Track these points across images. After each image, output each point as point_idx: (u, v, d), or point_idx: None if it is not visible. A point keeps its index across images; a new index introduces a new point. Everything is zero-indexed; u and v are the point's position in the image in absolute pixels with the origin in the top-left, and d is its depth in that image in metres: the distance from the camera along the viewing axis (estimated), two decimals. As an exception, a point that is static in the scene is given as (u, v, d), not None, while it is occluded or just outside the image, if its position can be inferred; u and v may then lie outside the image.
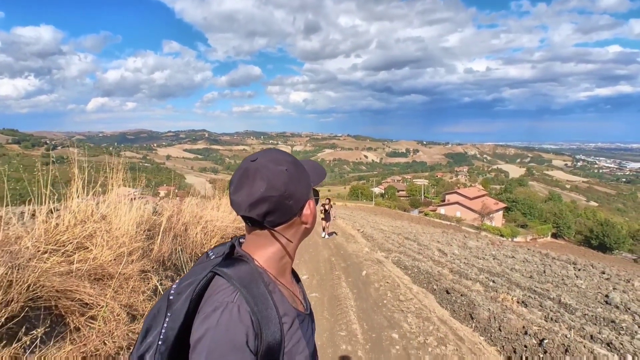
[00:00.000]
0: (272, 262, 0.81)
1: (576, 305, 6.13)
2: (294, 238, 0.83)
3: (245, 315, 0.69)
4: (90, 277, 2.55)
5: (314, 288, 5.18)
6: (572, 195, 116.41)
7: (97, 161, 3.93)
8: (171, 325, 0.72)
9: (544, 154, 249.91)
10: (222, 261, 0.79)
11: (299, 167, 0.81)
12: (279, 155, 0.80)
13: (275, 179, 0.75)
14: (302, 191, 0.80)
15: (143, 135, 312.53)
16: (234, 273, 0.75)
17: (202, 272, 0.77)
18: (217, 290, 0.73)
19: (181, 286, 0.77)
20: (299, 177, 0.79)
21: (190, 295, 0.73)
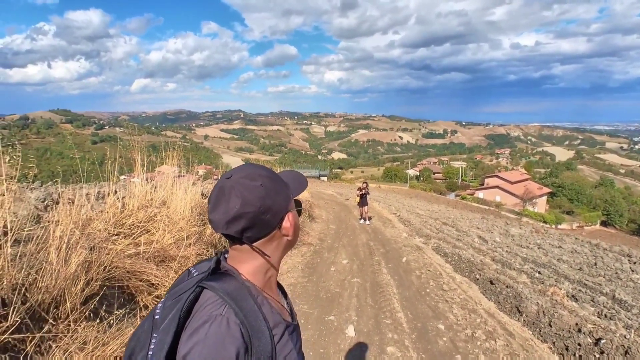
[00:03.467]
0: (258, 275, 0.81)
1: (632, 302, 5.78)
2: (277, 251, 0.83)
3: (234, 328, 0.69)
4: (155, 259, 2.73)
5: (355, 273, 5.24)
6: (626, 181, 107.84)
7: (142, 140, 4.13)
8: (159, 346, 0.70)
9: (596, 135, 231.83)
10: (208, 276, 0.78)
11: (275, 181, 0.81)
12: (254, 170, 0.80)
13: (250, 195, 0.75)
14: (280, 204, 0.80)
15: (182, 116, 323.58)
16: (222, 287, 0.74)
17: (187, 288, 0.76)
18: (205, 304, 0.72)
19: (167, 305, 0.75)
20: (275, 191, 0.79)
21: (179, 312, 0.71)
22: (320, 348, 2.94)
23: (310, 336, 3.13)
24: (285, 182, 0.85)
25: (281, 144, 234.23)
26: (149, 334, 0.73)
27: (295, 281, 4.59)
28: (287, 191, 0.83)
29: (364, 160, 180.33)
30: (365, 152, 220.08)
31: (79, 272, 2.15)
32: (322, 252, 6.43)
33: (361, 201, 10.67)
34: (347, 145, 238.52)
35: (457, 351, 3.02)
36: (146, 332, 0.74)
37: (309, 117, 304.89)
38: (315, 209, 12.07)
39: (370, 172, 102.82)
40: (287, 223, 0.81)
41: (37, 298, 1.95)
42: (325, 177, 62.47)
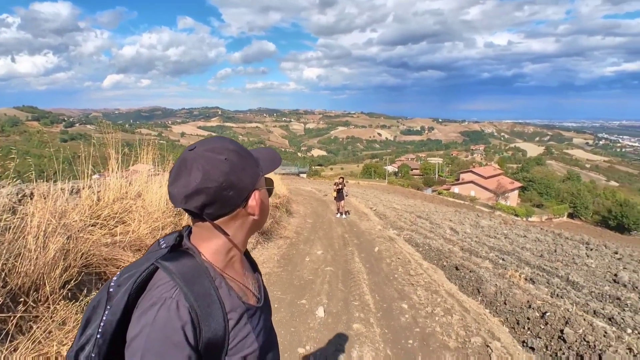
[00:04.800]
0: (218, 255, 0.78)
1: (583, 283, 6.28)
2: (241, 230, 0.80)
3: (183, 312, 0.67)
4: (131, 248, 2.86)
5: (329, 262, 5.48)
6: (591, 175, 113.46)
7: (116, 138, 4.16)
8: (110, 318, 0.69)
9: (564, 132, 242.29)
10: (166, 254, 0.75)
11: (242, 156, 0.77)
12: (220, 143, 0.76)
13: (213, 169, 0.72)
14: (245, 181, 0.76)
15: (158, 113, 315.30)
16: (177, 267, 0.72)
17: (145, 263, 0.74)
18: (156, 285, 0.71)
19: (122, 278, 0.74)
20: (242, 166, 0.75)
21: (129, 289, 0.70)
22: (292, 327, 3.16)
23: (282, 318, 3.34)
24: (255, 158, 0.81)
25: (260, 142, 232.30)
26: (103, 305, 0.71)
27: (270, 271, 4.78)
28: (256, 168, 0.79)
29: (344, 157, 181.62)
30: (344, 149, 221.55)
31: (57, 259, 2.26)
32: (298, 245, 6.63)
33: (338, 196, 10.95)
34: (327, 142, 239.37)
35: (417, 325, 3.30)
36: (101, 303, 0.72)
37: (288, 114, 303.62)
38: (294, 205, 12.25)
39: (350, 169, 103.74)
40: (254, 201, 0.78)
41: (17, 282, 2.06)
42: (305, 174, 62.67)
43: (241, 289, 0.81)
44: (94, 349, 0.69)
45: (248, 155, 0.80)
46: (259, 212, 0.80)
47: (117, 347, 0.70)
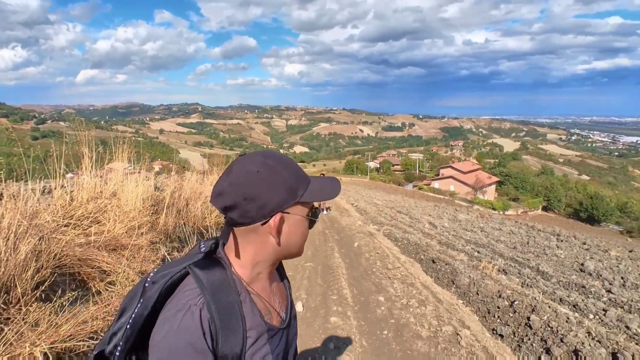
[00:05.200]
0: (245, 269, 0.79)
1: (552, 272, 6.59)
2: (263, 248, 0.78)
3: (205, 322, 0.69)
4: (107, 248, 2.84)
5: (309, 258, 5.55)
6: (564, 169, 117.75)
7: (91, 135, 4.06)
8: (140, 312, 0.73)
9: (539, 127, 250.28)
10: (200, 259, 0.78)
11: (277, 174, 0.75)
12: (262, 157, 0.77)
13: (241, 178, 0.74)
14: (270, 199, 0.74)
15: (135, 109, 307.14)
16: (206, 276, 0.74)
17: (180, 265, 0.77)
18: (184, 289, 0.73)
19: (157, 275, 0.77)
20: (270, 183, 0.74)
21: (160, 288, 0.73)
22: (270, 322, 3.22)
23: (261, 313, 3.39)
24: (303, 182, 0.78)
25: (242, 138, 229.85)
26: (137, 298, 0.75)
27: (251, 268, 4.81)
28: (293, 192, 0.76)
29: (326, 153, 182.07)
30: (327, 146, 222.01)
31: (28, 260, 2.24)
32: (278, 241, 6.67)
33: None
34: (309, 139, 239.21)
35: (392, 317, 3.42)
36: (136, 295, 0.76)
37: (269, 111, 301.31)
38: (275, 202, 12.27)
39: (333, 165, 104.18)
40: (272, 223, 0.75)
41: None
42: (287, 170, 62.51)
43: (266, 307, 0.80)
44: (123, 337, 0.73)
45: (285, 175, 0.76)
46: (276, 235, 0.77)
47: (143, 340, 0.73)
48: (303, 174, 0.79)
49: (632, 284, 6.12)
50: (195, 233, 4.74)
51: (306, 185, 0.78)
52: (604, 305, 4.65)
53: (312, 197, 0.78)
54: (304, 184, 0.78)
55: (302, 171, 0.80)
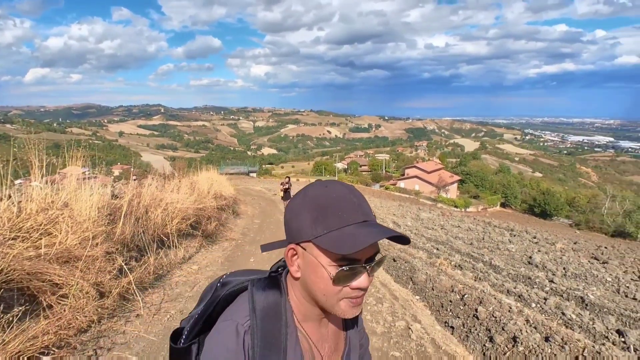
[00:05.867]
0: (294, 301, 0.75)
1: (503, 266, 7.07)
2: (296, 283, 0.74)
3: (246, 344, 0.69)
4: (58, 260, 2.77)
5: (273, 262, 5.60)
6: (520, 167, 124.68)
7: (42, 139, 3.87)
8: (206, 307, 0.77)
9: (496, 128, 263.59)
10: (262, 279, 0.77)
11: (303, 205, 0.70)
12: (311, 186, 0.73)
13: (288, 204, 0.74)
14: (292, 226, 0.71)
15: (91, 110, 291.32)
16: (260, 298, 0.73)
17: (248, 276, 0.79)
18: (238, 304, 0.75)
19: (228, 279, 0.81)
20: (296, 212, 0.71)
21: (223, 294, 0.77)
22: (231, 327, 3.27)
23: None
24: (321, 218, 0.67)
25: (207, 140, 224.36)
26: (209, 294, 0.80)
27: (214, 274, 4.79)
28: (310, 228, 0.68)
29: (294, 155, 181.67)
30: (295, 147, 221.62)
31: (-29, 276, 2.16)
32: (243, 246, 6.67)
33: (285, 195, 11.08)
34: (277, 141, 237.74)
35: (351, 316, 3.58)
36: (210, 291, 0.81)
37: (236, 112, 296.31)
38: (241, 205, 12.17)
39: (301, 167, 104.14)
40: (287, 253, 0.72)
41: None
42: (255, 173, 61.82)
43: (311, 350, 0.76)
44: (191, 324, 0.78)
45: (316, 210, 0.68)
46: (293, 269, 0.72)
47: (204, 331, 0.77)
48: (336, 215, 0.67)
49: (572, 273, 6.69)
50: (156, 241, 4.67)
51: (329, 228, 0.66)
52: (545, 295, 5.09)
53: (324, 242, 0.66)
54: (326, 226, 0.66)
55: (344, 213, 0.67)
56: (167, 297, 3.78)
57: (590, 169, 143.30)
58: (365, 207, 0.70)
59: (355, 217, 0.67)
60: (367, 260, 0.67)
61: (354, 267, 0.66)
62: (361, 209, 0.69)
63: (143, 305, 3.34)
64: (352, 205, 0.69)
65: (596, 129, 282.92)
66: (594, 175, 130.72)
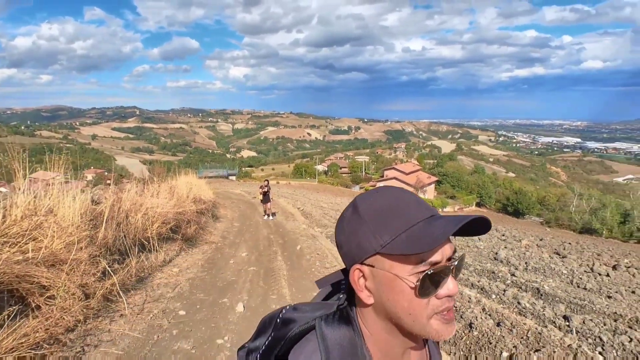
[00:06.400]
0: (368, 334, 0.65)
1: (471, 262, 7.54)
2: (367, 309, 0.64)
3: None
4: (45, 263, 2.92)
5: (252, 263, 5.83)
6: (494, 168, 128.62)
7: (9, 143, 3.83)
8: (271, 345, 0.67)
9: (471, 130, 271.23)
10: (331, 314, 0.65)
11: (356, 218, 0.62)
12: (356, 199, 0.65)
13: (336, 224, 0.66)
14: (350, 246, 0.62)
15: (62, 113, 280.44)
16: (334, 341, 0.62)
17: (311, 313, 0.66)
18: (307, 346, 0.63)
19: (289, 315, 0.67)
20: (349, 229, 0.62)
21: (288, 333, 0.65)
22: (212, 323, 3.47)
23: (203, 317, 3.63)
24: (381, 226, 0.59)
25: (185, 143, 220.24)
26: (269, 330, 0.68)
27: (194, 275, 4.97)
28: (372, 239, 0.59)
29: (275, 157, 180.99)
30: (275, 150, 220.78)
31: (-36, 280, 2.31)
32: (223, 249, 6.84)
33: (264, 198, 11.27)
34: (257, 143, 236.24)
35: (325, 310, 3.85)
36: (269, 325, 0.69)
37: (214, 114, 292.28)
38: (221, 209, 12.26)
39: (281, 169, 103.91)
40: (352, 277, 0.62)
41: None
42: (234, 176, 61.34)
43: None
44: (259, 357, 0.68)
45: (372, 221, 0.60)
46: (364, 295, 0.62)
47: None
48: (400, 217, 0.59)
49: (532, 267, 7.22)
50: (137, 245, 4.81)
51: (397, 232, 0.58)
52: (505, 287, 5.53)
53: (396, 248, 0.58)
54: (391, 231, 0.58)
55: (406, 213, 0.60)
56: (150, 298, 3.95)
57: (559, 168, 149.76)
58: (424, 202, 0.63)
59: (421, 213, 0.60)
60: (448, 260, 0.59)
61: (439, 268, 0.57)
62: (423, 204, 0.62)
63: (126, 305, 3.51)
64: (413, 202, 0.61)
65: (565, 131, 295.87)
66: (563, 175, 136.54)
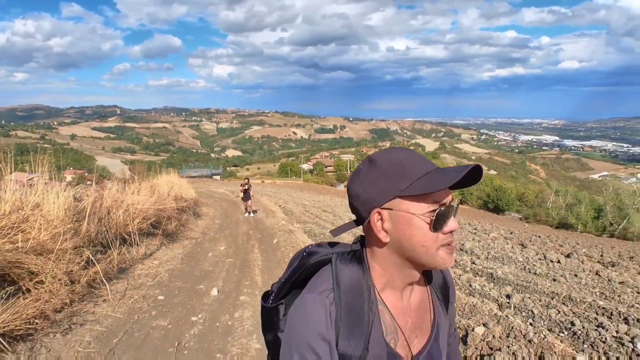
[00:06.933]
0: (377, 274, 0.76)
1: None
2: (380, 250, 0.74)
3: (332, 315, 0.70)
4: (34, 252, 3.24)
5: (230, 255, 6.19)
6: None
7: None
8: (293, 273, 0.80)
9: (454, 128, 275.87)
10: (346, 253, 0.78)
11: (374, 169, 0.71)
12: (372, 156, 0.75)
13: (352, 176, 0.75)
14: (370, 195, 0.71)
15: (39, 112, 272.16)
16: (343, 272, 0.74)
17: (332, 249, 0.80)
18: (322, 276, 0.75)
19: (313, 249, 0.82)
20: (367, 179, 0.71)
21: (308, 263, 0.78)
22: (188, 305, 3.84)
23: (181, 300, 3.99)
24: (399, 174, 0.70)
25: (168, 143, 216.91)
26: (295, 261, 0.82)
27: (174, 267, 5.31)
28: (392, 184, 0.69)
29: (260, 156, 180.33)
30: (260, 149, 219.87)
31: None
32: (203, 244, 7.17)
33: (244, 196, 11.61)
34: (242, 142, 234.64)
35: (292, 292, 4.26)
36: (296, 259, 0.83)
37: (198, 114, 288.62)
38: (203, 207, 12.52)
39: (267, 169, 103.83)
40: (371, 219, 0.71)
41: None
42: (219, 175, 61.09)
43: (393, 325, 0.75)
44: (279, 286, 0.83)
45: (391, 169, 0.70)
46: (382, 235, 0.71)
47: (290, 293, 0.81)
48: (413, 168, 0.70)
49: (492, 256, 7.81)
50: (118, 239, 5.12)
51: (413, 179, 0.69)
52: (462, 273, 6.06)
53: (416, 189, 0.68)
54: (408, 178, 0.69)
55: (418, 165, 0.70)
56: (131, 286, 4.28)
57: (539, 166, 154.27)
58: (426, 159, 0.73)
59: (431, 165, 0.71)
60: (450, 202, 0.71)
61: (447, 207, 0.69)
62: (430, 161, 0.72)
63: (109, 292, 3.84)
64: (423, 158, 0.72)
65: (543, 129, 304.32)
66: (542, 172, 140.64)
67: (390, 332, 0.74)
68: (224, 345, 3.02)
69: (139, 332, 3.17)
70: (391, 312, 0.75)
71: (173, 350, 2.91)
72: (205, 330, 3.28)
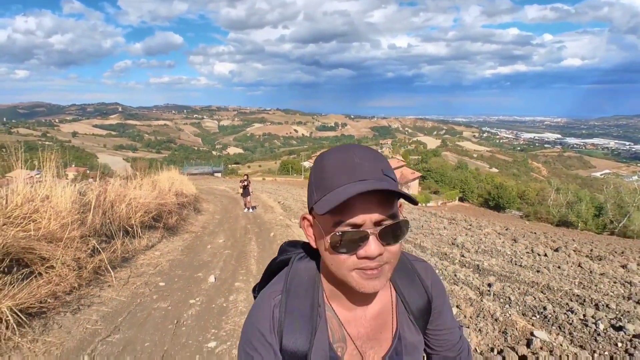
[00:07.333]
0: (324, 280, 0.75)
1: (430, 246, 8.35)
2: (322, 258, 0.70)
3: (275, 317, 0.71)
4: (45, 240, 3.53)
5: (228, 247, 6.48)
6: (477, 163, 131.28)
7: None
8: (268, 268, 0.86)
9: (456, 126, 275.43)
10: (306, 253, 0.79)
11: (312, 170, 0.68)
12: (321, 154, 0.69)
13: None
14: (308, 199, 0.69)
15: (40, 109, 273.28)
16: (298, 274, 0.75)
17: (299, 248, 0.83)
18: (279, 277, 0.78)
19: (285, 247, 0.86)
20: (310, 182, 0.68)
21: (272, 264, 0.84)
22: (187, 290, 4.13)
23: (180, 286, 4.28)
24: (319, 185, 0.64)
25: (170, 140, 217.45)
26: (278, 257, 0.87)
27: (174, 258, 5.60)
28: (311, 193, 0.67)
29: (261, 154, 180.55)
30: (261, 146, 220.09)
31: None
32: (202, 237, 7.46)
33: (244, 192, 11.90)
34: (243, 140, 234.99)
35: (284, 280, 4.55)
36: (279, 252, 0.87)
37: (200, 111, 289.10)
38: (204, 203, 12.81)
39: (268, 166, 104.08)
40: (302, 224, 0.72)
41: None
42: (220, 173, 61.44)
43: (340, 335, 0.74)
44: (258, 283, 0.91)
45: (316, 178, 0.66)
46: (311, 240, 0.72)
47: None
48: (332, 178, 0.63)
49: (482, 250, 8.08)
50: (121, 230, 5.42)
51: (325, 192, 0.63)
52: (449, 264, 6.34)
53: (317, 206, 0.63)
54: (322, 189, 0.64)
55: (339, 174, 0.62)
56: (134, 274, 4.58)
57: (540, 164, 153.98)
58: (368, 166, 0.63)
59: (351, 176, 0.61)
60: (376, 224, 0.61)
61: (350, 232, 0.60)
62: (361, 168, 0.62)
63: (113, 278, 4.13)
64: (350, 165, 0.63)
65: (545, 127, 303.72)
66: (544, 170, 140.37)
67: (338, 340, 0.73)
68: (218, 323, 3.32)
69: (142, 312, 3.46)
70: (340, 318, 0.73)
71: (172, 327, 3.20)
72: (201, 311, 3.58)
